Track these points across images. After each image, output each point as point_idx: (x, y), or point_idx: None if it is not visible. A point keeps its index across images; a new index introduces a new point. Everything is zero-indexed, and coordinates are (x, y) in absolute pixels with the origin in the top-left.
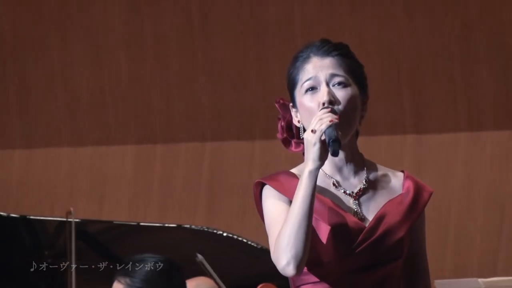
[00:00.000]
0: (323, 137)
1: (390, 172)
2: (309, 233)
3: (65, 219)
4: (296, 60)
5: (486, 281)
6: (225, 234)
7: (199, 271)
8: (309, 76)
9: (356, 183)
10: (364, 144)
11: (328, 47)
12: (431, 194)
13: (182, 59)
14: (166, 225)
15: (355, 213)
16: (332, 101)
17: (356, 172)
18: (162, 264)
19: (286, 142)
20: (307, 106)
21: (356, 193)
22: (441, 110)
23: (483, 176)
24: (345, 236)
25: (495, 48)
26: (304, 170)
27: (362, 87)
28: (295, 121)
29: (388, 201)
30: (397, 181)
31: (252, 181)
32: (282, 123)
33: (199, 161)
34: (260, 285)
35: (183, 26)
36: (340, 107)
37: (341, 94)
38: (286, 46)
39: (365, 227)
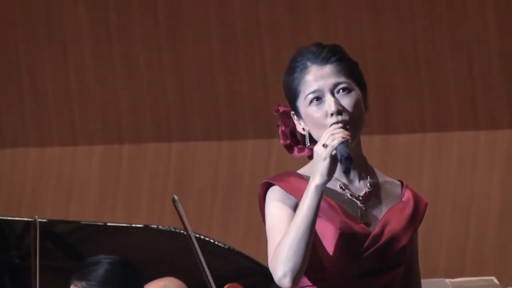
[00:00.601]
0: (333, 153)
1: (389, 179)
2: (310, 247)
3: (32, 219)
4: (294, 70)
5: (453, 282)
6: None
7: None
8: (313, 89)
9: (362, 186)
10: None
11: (325, 54)
12: (426, 205)
13: (149, 60)
14: (133, 225)
15: (361, 217)
16: (340, 111)
17: (361, 175)
18: (117, 265)
19: (289, 148)
20: (313, 117)
21: (362, 197)
22: (408, 110)
23: (450, 176)
24: (352, 241)
25: (461, 47)
26: (311, 183)
27: (363, 86)
28: (299, 129)
29: (390, 208)
30: (396, 189)
31: (219, 181)
32: (283, 129)
33: (166, 161)
34: (227, 285)
35: (150, 27)
36: (348, 114)
37: (346, 101)
38: (252, 47)
39: (371, 232)
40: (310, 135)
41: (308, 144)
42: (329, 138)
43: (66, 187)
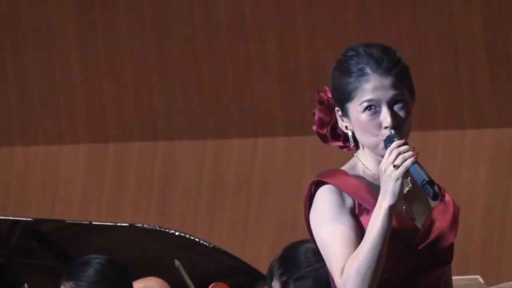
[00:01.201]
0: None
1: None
2: (381, 269)
3: (17, 218)
4: (350, 73)
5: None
6: (177, 233)
7: (149, 272)
8: (369, 97)
9: (404, 184)
10: (317, 144)
11: (387, 64)
12: (459, 209)
13: (135, 59)
14: (119, 224)
15: (407, 213)
16: (396, 125)
17: None
18: (106, 265)
19: (324, 138)
20: (366, 125)
21: (405, 194)
22: None
23: (434, 176)
24: (403, 237)
25: (446, 47)
26: (382, 203)
27: (412, 93)
28: (342, 127)
29: (434, 207)
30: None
31: (204, 180)
32: (324, 118)
33: (151, 160)
34: (212, 284)
35: (136, 26)
36: (401, 127)
37: (402, 114)
38: (238, 46)
39: (419, 228)
40: (353, 134)
41: (352, 142)
42: (399, 158)
43: (51, 186)
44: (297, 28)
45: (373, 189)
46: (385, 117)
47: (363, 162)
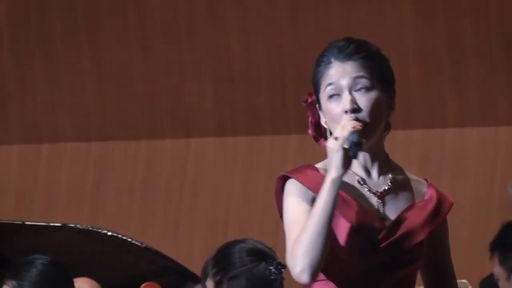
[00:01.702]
0: (346, 145)
1: (414, 178)
2: (327, 241)
3: None
4: (319, 64)
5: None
6: (110, 233)
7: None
8: (330, 81)
9: (381, 182)
10: (249, 144)
11: (349, 50)
12: (451, 205)
13: (69, 60)
14: (52, 224)
15: (377, 212)
16: (355, 109)
17: (382, 172)
18: (49, 266)
19: (316, 139)
20: (331, 113)
21: (380, 192)
22: None
23: None
24: (364, 234)
25: (377, 45)
26: (327, 178)
27: (388, 85)
28: (322, 122)
29: (411, 205)
30: (420, 187)
31: (137, 181)
32: (311, 119)
33: (84, 160)
34: (144, 284)
35: (70, 27)
36: (364, 113)
37: (364, 99)
38: (171, 49)
39: (385, 226)
40: (330, 131)
41: (329, 137)
42: (339, 130)
43: None
44: (230, 29)
45: (343, 186)
46: (345, 101)
47: None
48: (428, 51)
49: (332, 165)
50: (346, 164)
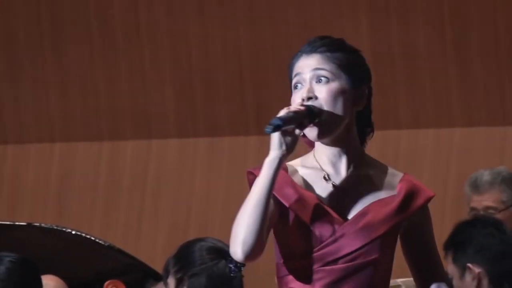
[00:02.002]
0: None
1: (389, 172)
2: (261, 221)
3: None
4: (293, 56)
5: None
6: (74, 232)
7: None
8: (297, 72)
9: (347, 177)
10: (209, 145)
11: (316, 43)
12: (429, 197)
13: (33, 63)
14: (16, 223)
15: (337, 207)
16: (310, 97)
17: (350, 166)
18: (18, 263)
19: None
20: (293, 102)
21: (345, 188)
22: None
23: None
24: (320, 230)
25: None
26: (266, 159)
27: (356, 79)
28: None
29: (377, 200)
30: (392, 182)
31: (100, 181)
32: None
33: (48, 161)
34: (108, 282)
35: (33, 31)
36: (320, 101)
37: (321, 89)
38: (133, 53)
39: (342, 222)
40: None
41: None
42: (282, 112)
43: None
44: (190, 35)
45: (306, 182)
46: (302, 91)
47: (314, 154)
48: (383, 53)
49: (270, 147)
50: (282, 145)
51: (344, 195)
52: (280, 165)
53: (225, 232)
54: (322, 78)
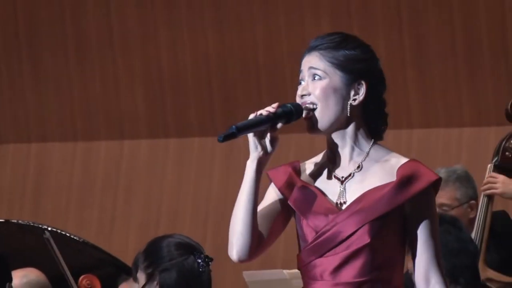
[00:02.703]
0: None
1: (394, 160)
2: (247, 221)
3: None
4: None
5: (290, 272)
6: (50, 229)
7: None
8: (300, 69)
9: (349, 168)
10: (179, 145)
11: (314, 42)
12: (431, 181)
13: (9, 65)
14: None
15: (339, 198)
16: (303, 95)
17: (352, 158)
18: None
19: None
20: (297, 96)
21: (345, 178)
22: (249, 113)
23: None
24: (314, 222)
25: (297, 51)
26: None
27: (352, 76)
28: None
29: (374, 188)
30: (394, 168)
31: (74, 180)
32: None
33: (25, 160)
34: (82, 276)
35: (10, 34)
36: (312, 97)
37: (314, 86)
38: (106, 57)
39: (337, 212)
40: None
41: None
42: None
43: None
44: (160, 39)
45: (312, 176)
46: (301, 87)
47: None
48: None
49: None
50: (256, 147)
51: (343, 185)
52: (260, 166)
53: (195, 229)
54: (316, 76)
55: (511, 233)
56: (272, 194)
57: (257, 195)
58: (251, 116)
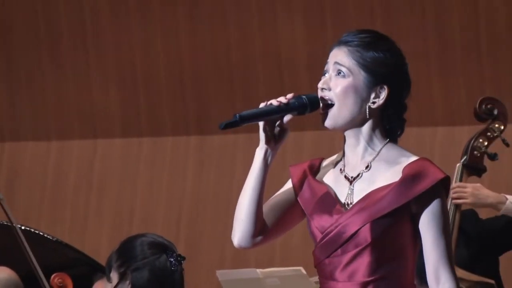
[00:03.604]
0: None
1: (404, 159)
2: (250, 209)
3: None
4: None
5: (263, 271)
6: (23, 228)
7: None
8: (327, 61)
9: (358, 168)
10: (152, 144)
11: (348, 38)
12: (437, 180)
13: None
14: None
15: (346, 199)
16: (323, 88)
17: (364, 157)
18: None
19: None
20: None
21: (354, 178)
22: (222, 113)
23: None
24: (320, 222)
25: (271, 53)
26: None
27: (375, 79)
28: None
29: (379, 187)
30: (401, 167)
31: (47, 179)
32: None
33: None
34: (54, 274)
35: None
36: (331, 93)
37: (336, 83)
38: (79, 56)
39: (342, 212)
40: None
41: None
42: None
43: None
44: (133, 39)
45: (326, 175)
46: (323, 79)
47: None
48: (317, 58)
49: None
50: (263, 137)
51: (352, 185)
52: (266, 155)
53: (168, 228)
54: (340, 72)
55: (480, 232)
56: (288, 187)
57: (263, 183)
58: (262, 105)
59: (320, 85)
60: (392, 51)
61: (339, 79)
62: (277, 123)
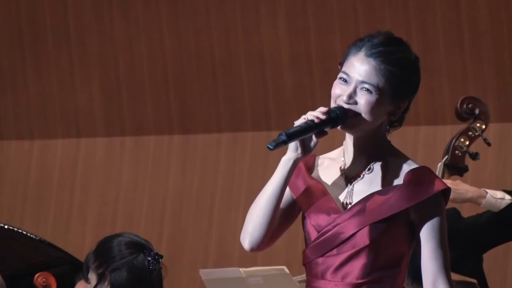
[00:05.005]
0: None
1: (405, 165)
2: (270, 216)
3: None
4: (354, 43)
5: (246, 270)
6: (6, 226)
7: None
8: (348, 69)
9: (359, 169)
10: (135, 143)
11: (376, 49)
12: (437, 191)
13: None
14: None
15: (345, 198)
16: (348, 102)
17: (366, 159)
18: None
19: None
20: (333, 90)
21: (354, 179)
22: (205, 112)
23: (245, 172)
24: (317, 221)
25: (254, 53)
26: (282, 158)
27: (399, 94)
28: None
29: (379, 190)
30: (403, 172)
31: (31, 178)
32: None
33: None
34: (38, 274)
35: None
36: (358, 108)
37: (362, 98)
38: (62, 55)
39: (339, 212)
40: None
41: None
42: (300, 119)
43: None
44: (116, 38)
45: (324, 173)
46: (347, 91)
47: (344, 144)
48: (301, 57)
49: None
50: (297, 149)
51: (351, 186)
52: (295, 165)
53: (151, 227)
54: (366, 89)
55: (462, 231)
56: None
57: (283, 192)
58: (300, 121)
59: (345, 98)
60: (416, 67)
61: (366, 94)
62: (313, 137)
